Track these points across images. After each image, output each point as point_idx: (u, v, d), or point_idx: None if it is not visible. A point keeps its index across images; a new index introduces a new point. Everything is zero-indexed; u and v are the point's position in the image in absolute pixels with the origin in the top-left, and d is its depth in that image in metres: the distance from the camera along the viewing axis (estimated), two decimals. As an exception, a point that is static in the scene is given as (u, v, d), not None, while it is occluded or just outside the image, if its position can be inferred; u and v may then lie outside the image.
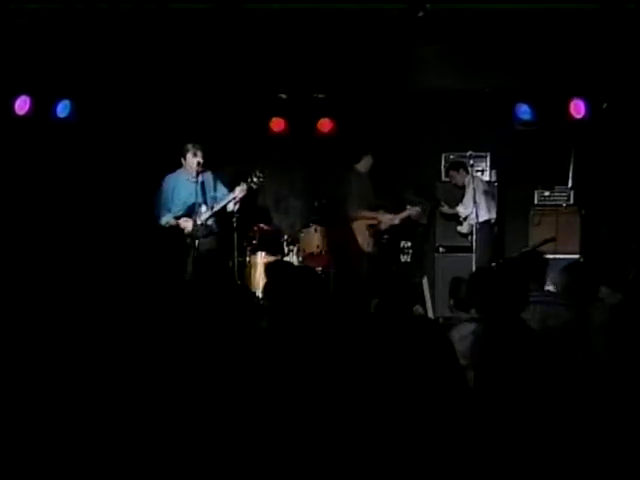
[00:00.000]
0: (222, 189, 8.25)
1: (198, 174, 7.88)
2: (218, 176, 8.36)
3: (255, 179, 8.07)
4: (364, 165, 9.00)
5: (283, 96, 9.55)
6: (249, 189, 8.08)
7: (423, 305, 8.04)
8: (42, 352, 4.02)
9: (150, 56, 8.40)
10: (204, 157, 8.02)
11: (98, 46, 8.24)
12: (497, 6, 7.70)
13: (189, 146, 8.02)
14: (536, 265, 5.09)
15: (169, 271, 7.75)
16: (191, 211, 7.92)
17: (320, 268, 8.76)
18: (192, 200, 7.85)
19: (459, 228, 9.18)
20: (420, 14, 7.93)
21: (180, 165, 8.18)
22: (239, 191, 8.02)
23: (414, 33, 8.05)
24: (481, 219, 8.67)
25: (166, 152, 8.77)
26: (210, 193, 8.13)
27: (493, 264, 8.31)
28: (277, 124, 9.75)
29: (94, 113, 9.16)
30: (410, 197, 9.76)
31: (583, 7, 7.58)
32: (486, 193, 8.93)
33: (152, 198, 8.27)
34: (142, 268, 8.31)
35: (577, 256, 8.60)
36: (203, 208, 7.96)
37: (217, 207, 8.06)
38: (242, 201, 8.15)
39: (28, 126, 8.99)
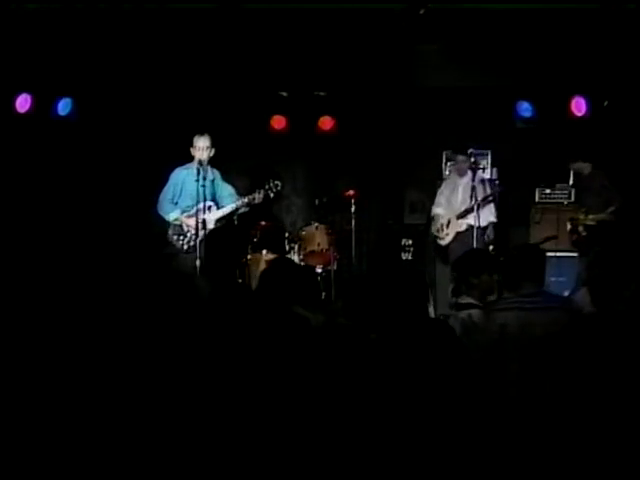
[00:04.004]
0: (227, 187, 8.13)
1: (206, 170, 7.74)
2: (225, 173, 8.27)
3: (273, 187, 8.00)
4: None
5: (284, 94, 9.56)
6: (265, 197, 8.01)
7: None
8: (42, 351, 4.02)
9: (151, 55, 8.40)
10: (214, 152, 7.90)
11: (99, 45, 8.25)
12: (498, 6, 7.71)
13: (195, 139, 7.86)
14: (534, 260, 5.01)
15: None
16: (199, 209, 7.73)
17: (321, 266, 8.78)
18: (201, 198, 7.68)
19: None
20: (421, 12, 7.94)
21: (188, 158, 7.99)
22: (257, 199, 7.95)
23: (415, 31, 8.05)
24: (484, 222, 8.57)
25: (167, 150, 8.79)
26: (218, 192, 8.05)
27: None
28: (278, 122, 9.75)
29: (95, 111, 9.17)
30: (413, 195, 9.78)
31: (583, 7, 7.59)
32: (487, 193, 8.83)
33: (154, 195, 8.21)
34: (144, 266, 8.31)
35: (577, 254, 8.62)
36: (214, 208, 7.86)
37: (229, 210, 7.96)
38: (254, 205, 8.10)
39: (29, 124, 9.01)
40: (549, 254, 8.14)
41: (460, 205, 8.73)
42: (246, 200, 7.98)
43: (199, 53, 8.45)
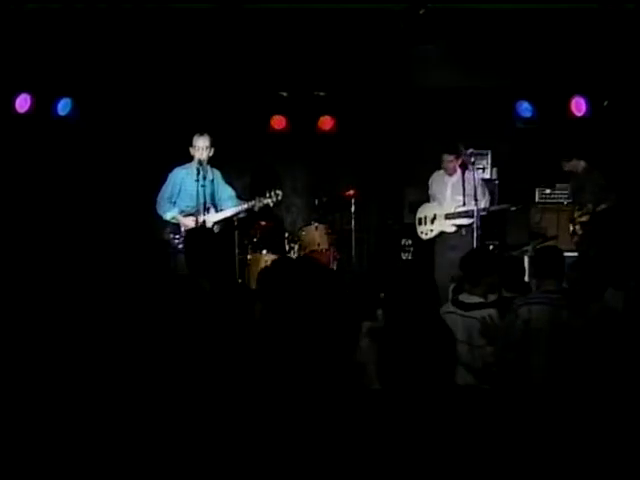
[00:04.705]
0: (227, 190, 8.11)
1: (206, 170, 7.73)
2: (226, 173, 8.27)
3: (274, 197, 8.00)
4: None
5: (284, 94, 9.56)
6: (265, 205, 8.02)
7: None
8: (42, 352, 4.02)
9: (151, 55, 8.41)
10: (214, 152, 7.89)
11: (99, 44, 8.26)
12: (499, 6, 7.72)
13: (194, 138, 7.83)
14: (555, 259, 5.14)
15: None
16: (198, 210, 7.70)
17: (321, 266, 8.77)
18: (201, 199, 7.65)
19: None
20: (421, 12, 7.95)
21: (188, 158, 7.97)
22: (257, 207, 7.95)
23: (415, 31, 8.06)
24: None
25: (167, 150, 8.79)
26: (217, 193, 8.04)
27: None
28: (278, 122, 9.74)
29: (95, 111, 9.18)
30: (413, 195, 9.76)
31: (583, 7, 7.61)
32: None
33: (154, 195, 8.19)
34: (144, 266, 8.29)
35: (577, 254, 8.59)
36: (212, 210, 7.85)
37: (228, 214, 7.95)
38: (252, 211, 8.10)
39: (29, 124, 9.01)
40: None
41: (449, 203, 8.53)
42: (246, 206, 7.98)
43: (199, 53, 8.45)
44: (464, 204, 8.32)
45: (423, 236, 8.75)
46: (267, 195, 8.00)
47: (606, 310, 5.05)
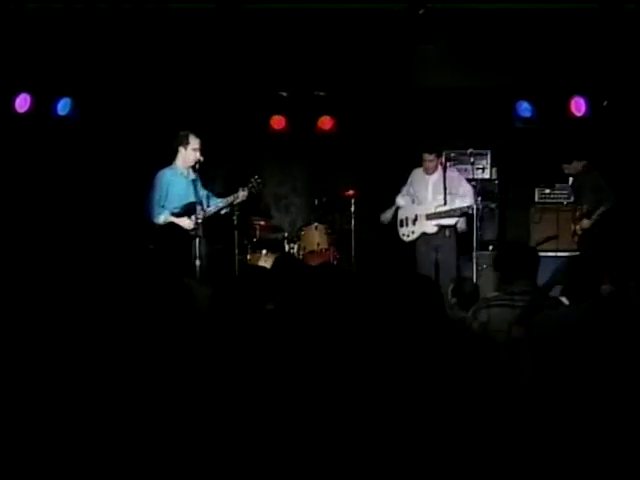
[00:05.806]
0: (206, 191, 8.03)
1: (194, 170, 7.72)
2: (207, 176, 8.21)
3: (255, 184, 7.93)
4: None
5: (284, 94, 9.56)
6: (249, 194, 7.96)
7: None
8: (41, 352, 4.02)
9: (151, 55, 8.41)
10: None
11: (99, 45, 8.26)
12: (499, 6, 7.73)
13: (191, 138, 7.73)
14: (528, 260, 5.01)
15: (173, 269, 7.62)
16: (188, 210, 7.65)
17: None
18: (189, 198, 7.61)
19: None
20: (421, 12, 7.96)
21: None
22: (240, 197, 7.88)
23: (415, 31, 8.06)
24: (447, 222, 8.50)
25: (166, 150, 8.77)
26: (200, 193, 7.98)
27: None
28: (278, 122, 9.75)
29: (94, 111, 9.17)
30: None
31: (583, 7, 7.62)
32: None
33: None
34: (143, 266, 8.30)
35: (577, 254, 8.58)
36: (198, 208, 7.79)
37: (214, 210, 7.91)
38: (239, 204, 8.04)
39: (28, 124, 9.01)
40: (550, 254, 8.19)
41: (431, 202, 8.51)
42: (231, 199, 7.91)
43: (199, 53, 8.45)
44: (445, 203, 8.33)
45: (405, 238, 8.67)
46: (249, 185, 7.88)
47: (599, 308, 4.95)
